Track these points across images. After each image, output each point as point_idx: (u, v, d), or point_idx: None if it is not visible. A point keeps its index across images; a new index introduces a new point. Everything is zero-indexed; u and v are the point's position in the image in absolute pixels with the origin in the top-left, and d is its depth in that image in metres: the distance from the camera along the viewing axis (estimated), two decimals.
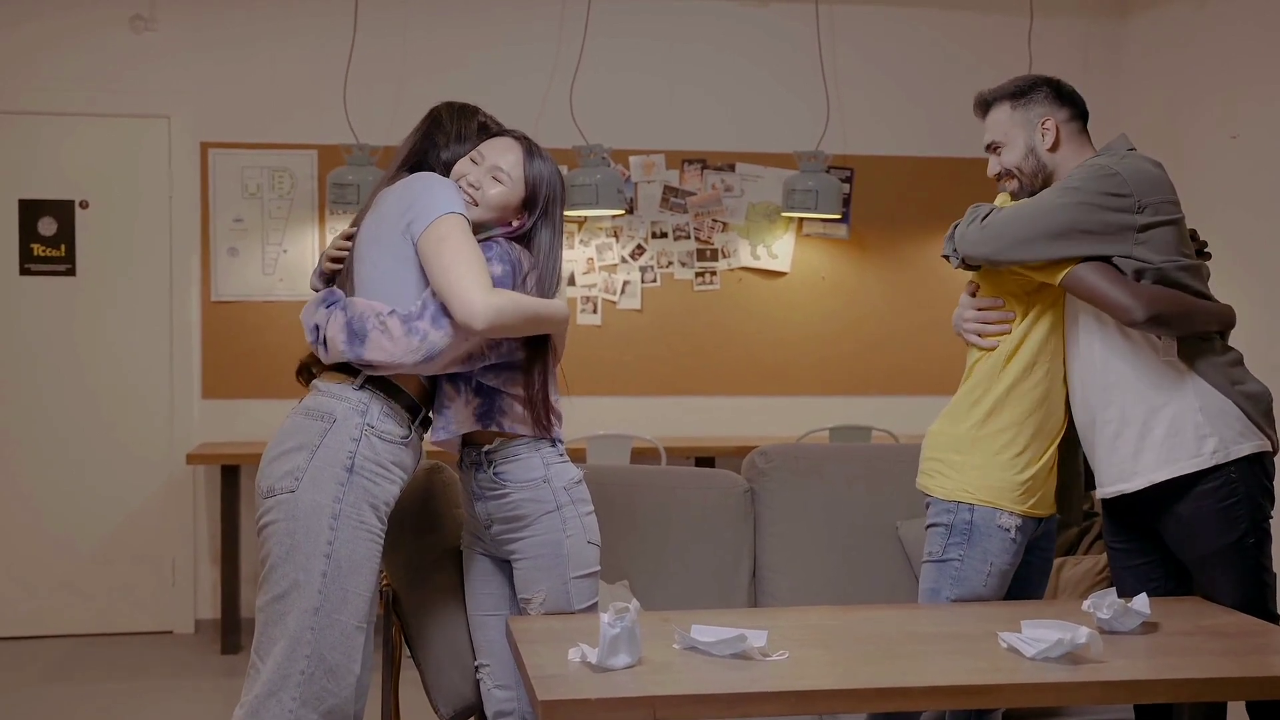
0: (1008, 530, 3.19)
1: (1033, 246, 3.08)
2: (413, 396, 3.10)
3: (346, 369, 3.07)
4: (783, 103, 6.90)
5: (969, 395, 3.28)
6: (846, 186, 6.87)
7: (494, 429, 3.09)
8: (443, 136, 3.20)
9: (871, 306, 6.99)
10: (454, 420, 3.11)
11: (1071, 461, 3.37)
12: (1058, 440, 3.28)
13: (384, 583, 3.48)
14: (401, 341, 2.97)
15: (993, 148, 3.30)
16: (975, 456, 3.23)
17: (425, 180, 3.09)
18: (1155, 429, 3.10)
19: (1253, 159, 6.01)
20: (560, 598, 3.09)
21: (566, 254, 6.70)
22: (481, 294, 2.89)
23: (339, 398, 3.03)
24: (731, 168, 6.88)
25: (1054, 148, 3.22)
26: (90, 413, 6.45)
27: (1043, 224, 3.07)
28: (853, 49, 6.95)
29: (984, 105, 3.32)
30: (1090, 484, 3.38)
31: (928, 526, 3.30)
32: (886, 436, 6.25)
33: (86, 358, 6.45)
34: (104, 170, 6.45)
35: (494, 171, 3.11)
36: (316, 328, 3.06)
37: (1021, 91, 3.26)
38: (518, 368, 3.09)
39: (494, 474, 3.11)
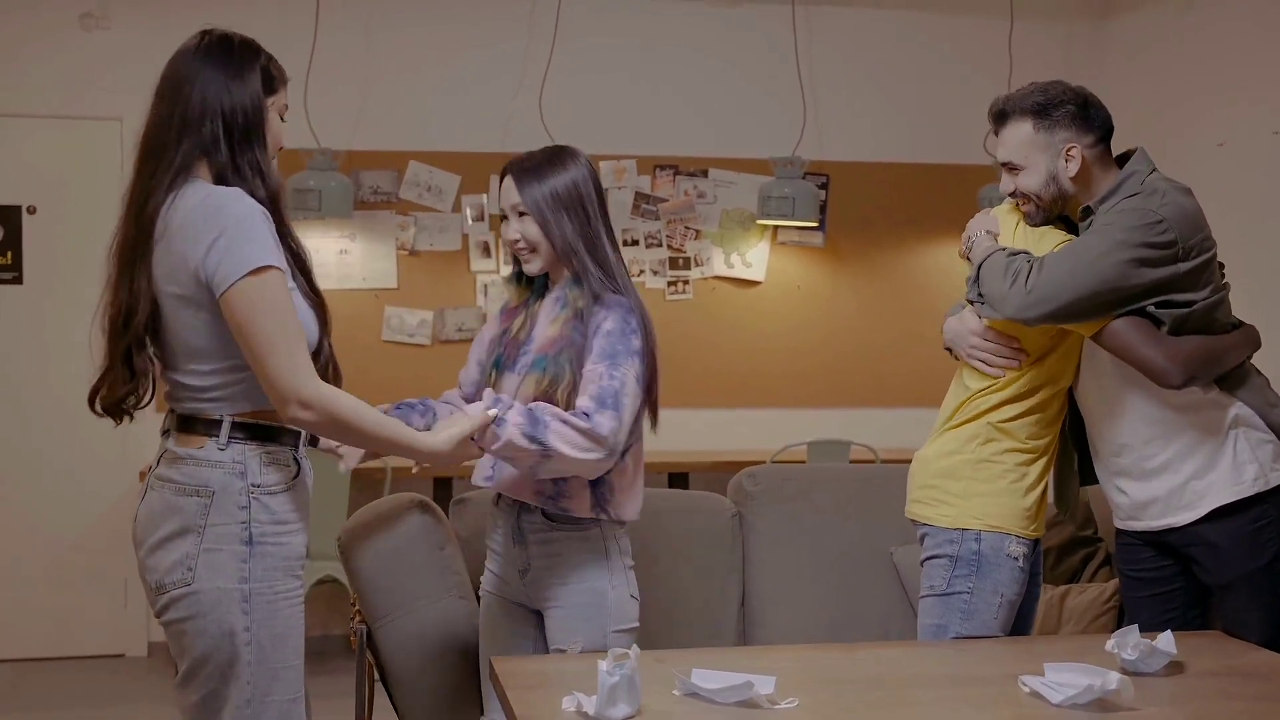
0: (1016, 559, 3.04)
1: (1083, 314, 2.90)
2: (286, 425, 2.58)
3: (197, 422, 2.56)
4: (758, 107, 6.75)
5: (967, 418, 3.10)
6: (823, 193, 6.72)
7: (602, 517, 2.95)
8: (236, 82, 2.71)
9: (848, 316, 6.85)
10: (571, 506, 2.92)
11: (1065, 455, 3.21)
12: (1054, 459, 3.14)
13: (355, 618, 3.28)
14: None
15: (1009, 168, 3.06)
16: (978, 483, 3.06)
17: (222, 209, 2.51)
18: (1197, 458, 2.98)
19: (1240, 165, 5.90)
20: (598, 651, 2.87)
21: None
22: (310, 383, 2.46)
23: (208, 463, 2.53)
24: (705, 173, 6.72)
25: (1077, 176, 3.01)
26: (38, 428, 6.22)
27: (1093, 287, 2.86)
28: (830, 51, 6.82)
29: (1001, 117, 3.07)
30: (1083, 480, 3.25)
31: (927, 559, 3.12)
32: (865, 450, 6.09)
33: (34, 371, 6.21)
34: (53, 174, 6.23)
35: (514, 210, 2.96)
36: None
37: (1045, 110, 3.01)
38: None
39: (544, 515, 2.94)
